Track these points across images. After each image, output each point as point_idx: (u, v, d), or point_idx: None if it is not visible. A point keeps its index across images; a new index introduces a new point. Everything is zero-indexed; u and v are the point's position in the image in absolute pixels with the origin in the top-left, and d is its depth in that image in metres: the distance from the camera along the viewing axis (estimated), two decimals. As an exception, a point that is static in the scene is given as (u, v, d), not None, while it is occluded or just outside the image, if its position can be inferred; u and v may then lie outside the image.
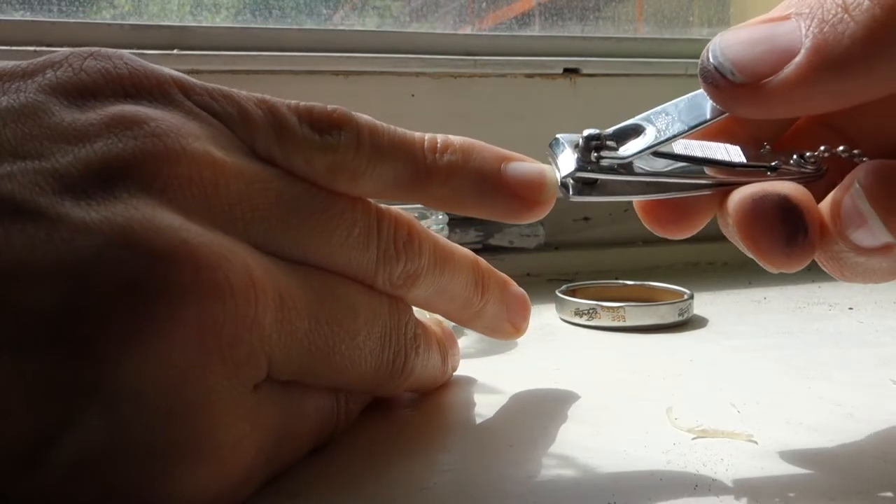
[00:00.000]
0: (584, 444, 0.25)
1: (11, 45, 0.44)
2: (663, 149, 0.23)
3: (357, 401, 0.25)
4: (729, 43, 0.21)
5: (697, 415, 0.27)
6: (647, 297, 0.43)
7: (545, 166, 0.25)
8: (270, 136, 0.22)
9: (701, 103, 0.23)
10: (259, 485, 0.21)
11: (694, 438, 0.25)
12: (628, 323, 0.39)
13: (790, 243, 0.21)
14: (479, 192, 0.24)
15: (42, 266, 0.17)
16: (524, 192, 0.24)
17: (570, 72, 0.55)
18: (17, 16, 0.49)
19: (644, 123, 0.24)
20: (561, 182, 0.24)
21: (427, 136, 0.24)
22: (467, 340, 0.38)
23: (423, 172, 0.24)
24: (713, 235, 0.25)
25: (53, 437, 0.17)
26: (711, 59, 0.21)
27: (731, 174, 0.24)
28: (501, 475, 0.22)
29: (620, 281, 0.47)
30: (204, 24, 0.51)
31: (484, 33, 0.60)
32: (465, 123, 0.52)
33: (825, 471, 0.23)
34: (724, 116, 0.23)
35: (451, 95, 0.52)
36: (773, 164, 0.23)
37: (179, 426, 0.18)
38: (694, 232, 0.24)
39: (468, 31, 0.61)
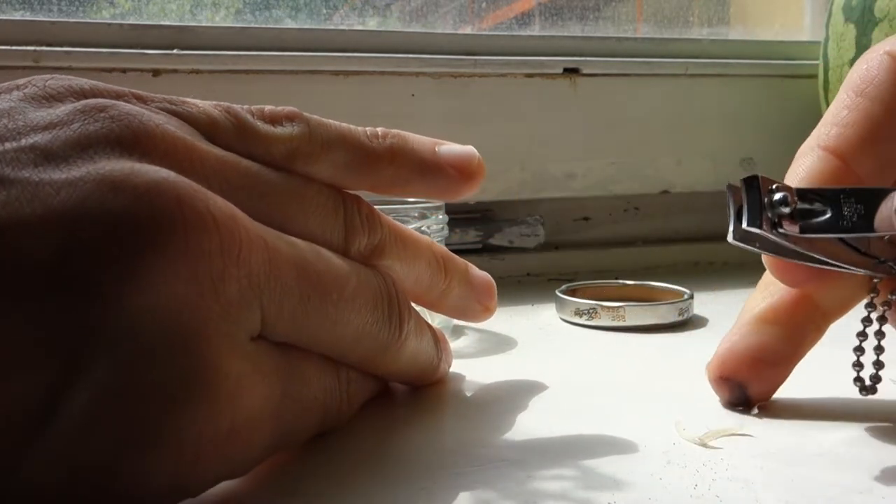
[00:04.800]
0: (585, 444, 0.25)
1: (11, 44, 0.44)
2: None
3: (358, 385, 0.25)
4: None
5: (697, 414, 0.27)
6: (646, 297, 0.43)
7: (470, 147, 0.28)
8: (230, 129, 0.23)
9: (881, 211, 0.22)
10: (269, 450, 0.21)
11: (705, 447, 0.25)
12: (628, 323, 0.40)
13: None
14: (422, 170, 0.27)
15: (31, 219, 0.17)
16: (459, 167, 0.27)
17: (570, 72, 0.55)
18: (17, 16, 0.49)
19: (830, 201, 0.23)
20: (733, 227, 0.23)
21: (364, 128, 0.26)
22: (467, 340, 0.38)
23: (372, 155, 0.26)
24: (713, 235, 0.25)
25: (64, 387, 0.17)
26: None
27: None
28: (502, 474, 0.22)
29: (620, 281, 0.47)
30: (204, 24, 0.51)
31: (484, 33, 0.59)
32: (465, 123, 0.52)
33: (825, 471, 0.23)
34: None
35: (451, 95, 0.52)
36: None
37: (181, 359, 0.18)
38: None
39: (468, 31, 0.61)
